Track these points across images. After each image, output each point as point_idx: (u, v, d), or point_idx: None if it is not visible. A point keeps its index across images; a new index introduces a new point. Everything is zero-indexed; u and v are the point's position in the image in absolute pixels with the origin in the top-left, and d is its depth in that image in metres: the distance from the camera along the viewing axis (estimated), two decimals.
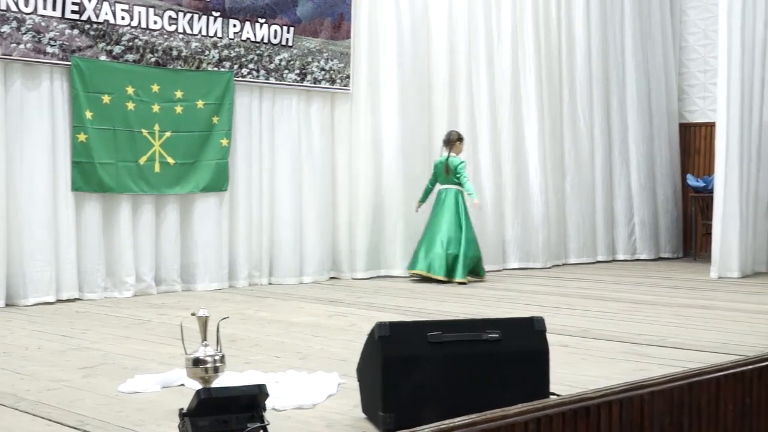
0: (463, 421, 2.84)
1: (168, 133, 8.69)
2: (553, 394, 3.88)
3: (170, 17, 8.66)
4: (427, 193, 9.92)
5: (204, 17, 8.88)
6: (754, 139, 10.26)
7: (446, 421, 2.82)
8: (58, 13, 7.97)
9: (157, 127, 8.62)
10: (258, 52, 9.25)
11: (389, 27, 10.07)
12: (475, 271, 9.73)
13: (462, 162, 9.76)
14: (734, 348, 5.57)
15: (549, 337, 4.01)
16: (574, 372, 4.86)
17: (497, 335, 3.87)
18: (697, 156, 13.09)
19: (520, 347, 3.89)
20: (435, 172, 9.91)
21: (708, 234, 11.41)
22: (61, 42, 8.00)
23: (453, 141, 9.80)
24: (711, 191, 11.15)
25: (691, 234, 12.72)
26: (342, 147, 9.95)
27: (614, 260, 12.18)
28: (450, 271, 9.52)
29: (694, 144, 13.13)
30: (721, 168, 10.09)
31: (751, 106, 10.21)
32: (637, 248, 12.45)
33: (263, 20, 9.28)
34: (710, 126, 12.18)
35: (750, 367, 3.86)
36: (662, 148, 12.74)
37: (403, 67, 10.09)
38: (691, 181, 12.50)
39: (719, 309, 7.50)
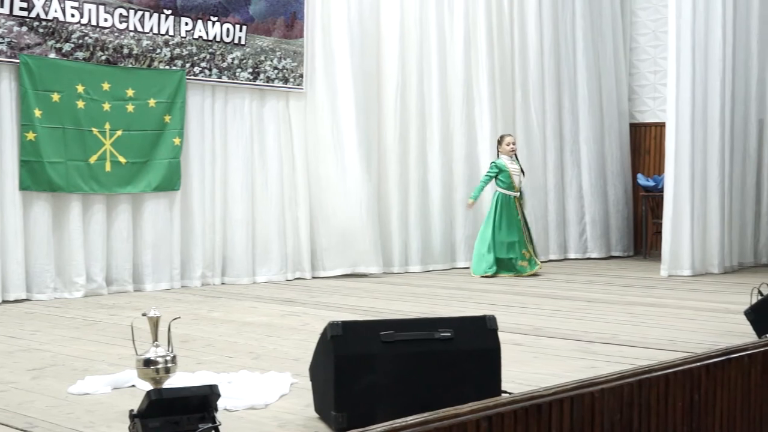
0: (416, 420, 2.84)
1: (119, 132, 8.62)
2: (505, 392, 3.90)
3: (121, 15, 8.59)
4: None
5: (155, 15, 8.83)
6: (707, 139, 10.33)
7: (399, 420, 2.83)
8: (5, 10, 7.88)
9: (107, 126, 8.55)
10: (210, 50, 9.21)
11: (341, 25, 10.04)
12: (508, 268, 10.20)
13: (492, 162, 10.36)
14: (682, 345, 5.63)
15: (501, 335, 4.03)
16: (526, 370, 4.89)
17: (449, 334, 3.88)
18: (648, 156, 13.22)
19: (473, 346, 3.91)
20: None
21: (658, 233, 11.53)
22: (9, 39, 7.91)
23: (498, 143, 10.49)
24: (661, 190, 11.27)
25: (641, 233, 12.84)
26: (299, 145, 9.93)
27: (566, 259, 12.26)
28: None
29: (645, 144, 13.26)
30: (670, 167, 10.20)
31: (704, 106, 10.28)
32: (588, 247, 12.55)
33: (215, 18, 9.24)
34: (660, 126, 12.30)
35: (698, 364, 3.91)
36: (613, 147, 12.84)
37: (353, 67, 10.06)
38: (642, 180, 12.62)
39: (668, 307, 7.58)
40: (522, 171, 10.42)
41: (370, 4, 10.30)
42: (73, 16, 8.28)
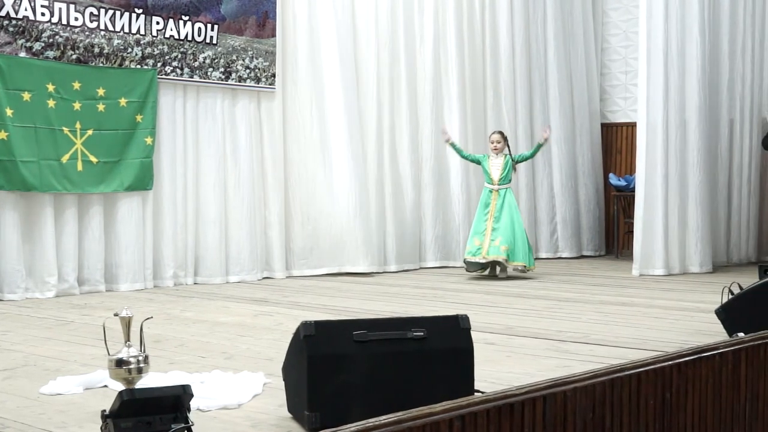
0: (389, 419, 2.84)
1: (90, 132, 8.58)
2: (478, 391, 3.91)
3: (92, 14, 8.55)
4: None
5: (126, 14, 8.79)
6: (680, 139, 10.35)
7: (371, 420, 2.83)
8: None
9: (78, 125, 8.50)
10: (182, 49, 9.18)
11: (315, 23, 10.04)
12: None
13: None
14: (654, 344, 5.67)
15: (473, 334, 4.04)
16: (499, 369, 4.91)
17: (422, 333, 3.89)
18: (619, 156, 13.28)
19: (446, 345, 3.92)
20: None
21: (630, 232, 11.59)
22: None
23: None
24: (632, 190, 11.32)
25: (613, 232, 12.90)
26: (270, 145, 9.91)
27: (537, 258, 12.27)
28: None
29: (616, 144, 13.32)
30: (641, 167, 10.25)
31: (678, 106, 10.29)
32: (560, 246, 12.59)
33: (187, 18, 9.21)
34: (632, 126, 12.36)
35: (669, 362, 3.93)
36: (584, 147, 12.89)
37: (327, 67, 10.06)
38: (613, 180, 12.68)
39: (639, 306, 7.62)
40: (511, 167, 10.28)
41: (343, 3, 10.27)
42: (43, 15, 8.23)
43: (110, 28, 8.69)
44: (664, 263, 10.18)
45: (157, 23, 9.00)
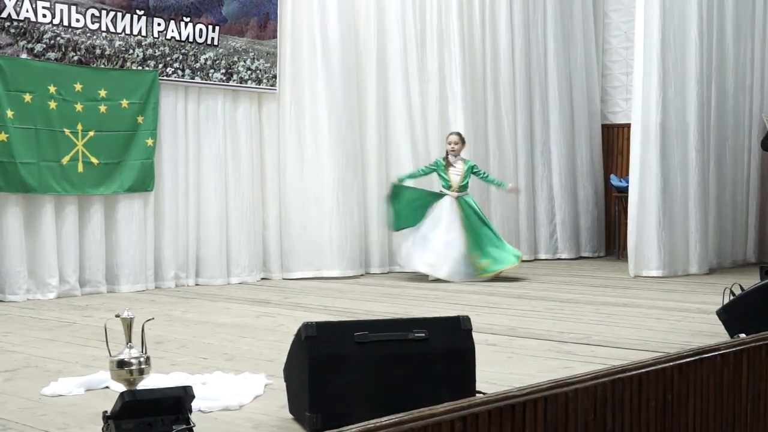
0: (390, 421, 2.84)
1: (91, 133, 8.58)
2: (480, 392, 3.91)
3: (93, 15, 8.55)
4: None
5: (128, 15, 8.79)
6: (680, 140, 10.31)
7: (373, 421, 2.83)
8: None
9: (80, 127, 8.50)
10: (183, 51, 9.18)
11: (316, 25, 10.03)
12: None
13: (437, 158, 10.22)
14: (655, 345, 5.67)
15: (475, 335, 4.04)
16: (500, 370, 4.91)
17: (424, 334, 3.89)
18: (620, 156, 13.27)
19: (447, 346, 3.92)
20: None
21: None
22: None
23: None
24: None
25: (614, 233, 12.90)
26: (270, 147, 9.92)
27: (536, 260, 12.30)
28: None
29: (617, 144, 13.32)
30: (635, 168, 10.19)
31: (679, 107, 10.27)
32: (559, 247, 12.59)
33: (188, 19, 9.21)
34: None
35: (670, 363, 3.93)
36: (583, 148, 12.88)
37: (330, 68, 10.05)
38: (614, 181, 12.68)
39: (641, 307, 7.62)
40: (473, 172, 10.02)
41: (345, 5, 10.26)
42: (44, 16, 8.23)
43: (111, 29, 8.69)
44: (666, 264, 10.11)
45: (159, 25, 9.00)
